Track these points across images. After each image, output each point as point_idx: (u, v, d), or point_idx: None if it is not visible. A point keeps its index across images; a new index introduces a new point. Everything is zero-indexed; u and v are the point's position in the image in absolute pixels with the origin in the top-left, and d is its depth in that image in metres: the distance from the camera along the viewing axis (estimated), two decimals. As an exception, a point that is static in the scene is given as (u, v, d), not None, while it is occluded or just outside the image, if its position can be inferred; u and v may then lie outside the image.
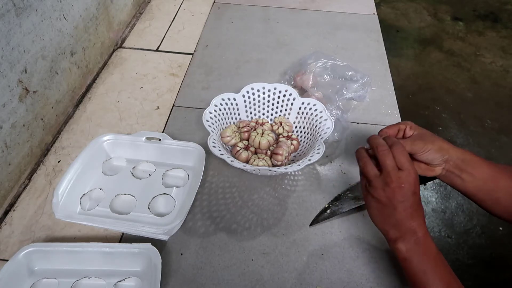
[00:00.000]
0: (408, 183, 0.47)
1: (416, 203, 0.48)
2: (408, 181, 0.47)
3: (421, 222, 0.48)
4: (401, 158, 0.48)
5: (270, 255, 0.61)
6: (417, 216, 0.48)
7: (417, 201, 0.48)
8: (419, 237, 0.47)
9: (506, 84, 2.13)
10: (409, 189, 0.47)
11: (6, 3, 0.60)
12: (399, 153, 0.49)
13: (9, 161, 0.66)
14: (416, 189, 0.48)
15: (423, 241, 0.47)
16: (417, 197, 0.48)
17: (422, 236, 0.47)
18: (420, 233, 0.47)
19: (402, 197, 0.47)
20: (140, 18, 1.13)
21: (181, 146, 0.71)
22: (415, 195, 0.48)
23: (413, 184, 0.47)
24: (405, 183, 0.47)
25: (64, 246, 0.57)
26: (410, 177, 0.47)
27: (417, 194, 0.48)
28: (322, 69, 0.84)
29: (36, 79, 0.70)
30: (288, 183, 0.71)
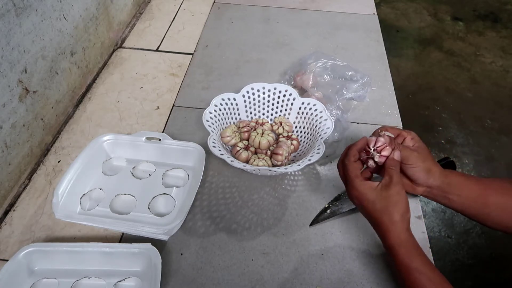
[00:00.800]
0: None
1: (376, 221, 0.49)
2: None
3: (385, 235, 0.48)
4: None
5: (270, 255, 0.61)
6: (379, 229, 0.49)
7: (376, 220, 0.49)
8: (386, 247, 0.49)
9: (506, 84, 2.13)
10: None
11: (6, 3, 0.60)
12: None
13: (9, 161, 0.66)
14: (364, 203, 0.50)
15: (390, 251, 0.48)
16: (374, 218, 0.50)
17: (388, 247, 0.48)
18: (385, 244, 0.49)
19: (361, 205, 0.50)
20: (140, 18, 1.13)
21: (181, 146, 0.71)
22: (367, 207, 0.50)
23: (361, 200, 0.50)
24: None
25: (64, 246, 0.57)
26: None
27: (372, 216, 0.50)
28: (322, 69, 0.84)
29: (36, 79, 0.70)
30: (288, 183, 0.71)
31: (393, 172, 0.50)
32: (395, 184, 0.48)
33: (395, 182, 0.49)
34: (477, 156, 1.75)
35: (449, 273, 1.36)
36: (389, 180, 0.49)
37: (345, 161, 0.53)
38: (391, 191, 0.48)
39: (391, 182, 0.49)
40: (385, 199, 0.48)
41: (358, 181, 0.50)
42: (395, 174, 0.49)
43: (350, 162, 0.52)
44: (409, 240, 0.48)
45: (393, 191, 0.48)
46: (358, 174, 0.52)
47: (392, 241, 0.47)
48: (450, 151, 1.78)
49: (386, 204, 0.48)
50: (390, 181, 0.49)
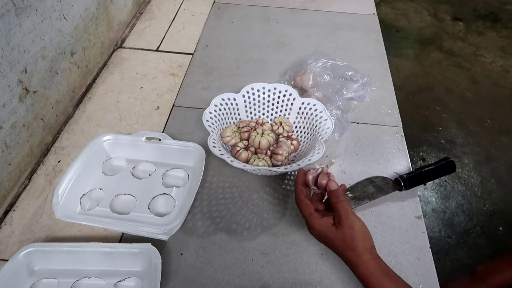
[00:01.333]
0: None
1: (336, 251, 0.50)
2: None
3: (350, 263, 0.49)
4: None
5: (270, 255, 0.61)
6: (344, 257, 0.50)
7: (336, 250, 0.50)
8: (355, 272, 0.49)
9: (506, 84, 2.13)
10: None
11: (6, 3, 0.60)
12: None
13: (9, 161, 0.66)
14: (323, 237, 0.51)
15: (359, 275, 0.49)
16: (334, 248, 0.50)
17: (358, 273, 0.49)
18: (354, 270, 0.49)
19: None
20: (140, 18, 1.13)
21: (181, 146, 0.71)
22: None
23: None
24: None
25: (64, 246, 0.57)
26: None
27: (332, 246, 0.51)
28: (322, 69, 0.84)
29: (36, 79, 0.70)
30: (288, 183, 0.71)
31: (339, 206, 0.50)
32: (345, 218, 0.49)
33: (345, 216, 0.49)
34: (477, 156, 1.76)
35: (449, 273, 1.36)
36: (339, 217, 0.49)
37: (296, 202, 0.54)
38: (345, 227, 0.48)
39: (341, 218, 0.49)
40: (342, 235, 0.48)
41: (313, 219, 0.51)
42: (341, 207, 0.50)
43: (300, 200, 0.53)
44: (378, 269, 0.47)
45: (346, 227, 0.48)
46: (312, 212, 0.52)
47: (362, 274, 0.48)
48: (450, 151, 1.78)
49: (345, 240, 0.48)
50: (340, 217, 0.49)
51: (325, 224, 0.50)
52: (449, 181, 1.65)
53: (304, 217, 0.53)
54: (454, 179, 1.66)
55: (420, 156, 1.76)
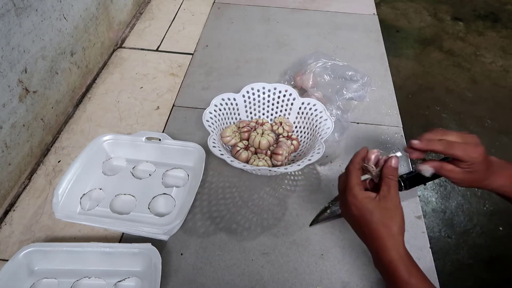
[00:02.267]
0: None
1: (372, 234, 0.47)
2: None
3: (383, 249, 0.46)
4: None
5: (270, 255, 0.61)
6: (375, 243, 0.47)
7: (373, 232, 0.47)
8: (382, 262, 0.46)
9: (506, 84, 2.13)
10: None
11: (6, 3, 0.60)
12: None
13: (9, 161, 0.66)
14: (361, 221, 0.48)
15: (387, 266, 0.46)
16: (370, 230, 0.47)
17: (386, 262, 0.46)
18: (382, 259, 0.46)
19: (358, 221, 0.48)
20: (140, 18, 1.13)
21: (181, 146, 0.71)
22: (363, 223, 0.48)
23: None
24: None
25: (64, 246, 0.57)
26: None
27: (368, 227, 0.48)
28: (322, 69, 0.84)
29: (36, 79, 0.70)
30: (288, 183, 0.71)
31: (391, 183, 0.49)
32: (393, 196, 0.48)
33: (393, 194, 0.48)
34: (477, 156, 1.75)
35: (449, 273, 1.35)
36: (387, 191, 0.48)
37: (349, 167, 0.51)
38: (389, 203, 0.47)
39: (389, 194, 0.48)
40: (384, 210, 0.47)
41: (357, 188, 0.49)
42: (393, 185, 0.49)
43: (354, 168, 0.51)
44: (408, 255, 0.46)
45: (392, 204, 0.47)
46: (359, 182, 0.50)
47: (391, 256, 0.45)
48: (450, 151, 1.77)
49: (384, 215, 0.46)
50: (388, 192, 0.48)
51: (368, 196, 0.48)
52: (449, 181, 1.65)
53: (350, 184, 0.49)
54: (454, 179, 1.66)
55: (420, 156, 1.75)
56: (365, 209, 0.47)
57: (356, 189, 0.49)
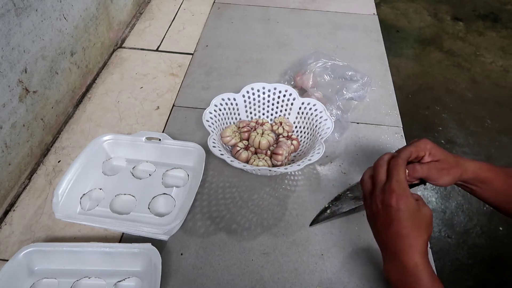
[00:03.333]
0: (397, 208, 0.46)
1: (403, 231, 0.45)
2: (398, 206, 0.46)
3: (410, 250, 0.45)
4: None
5: (270, 255, 0.61)
6: (404, 243, 0.45)
7: (404, 230, 0.45)
8: (406, 266, 0.45)
9: (506, 84, 2.13)
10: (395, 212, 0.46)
11: (6, 3, 0.60)
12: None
13: (9, 161, 0.66)
14: (399, 222, 0.46)
15: (412, 271, 0.44)
16: (402, 227, 0.45)
17: (411, 266, 0.44)
18: (407, 262, 0.44)
19: (390, 217, 0.46)
20: (140, 18, 1.13)
21: (181, 146, 0.71)
22: (399, 223, 0.46)
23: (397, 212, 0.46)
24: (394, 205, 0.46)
25: (64, 246, 0.57)
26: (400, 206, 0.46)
27: (402, 225, 0.45)
28: (322, 69, 0.84)
29: (36, 79, 0.70)
30: (288, 183, 0.71)
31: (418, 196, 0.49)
32: (429, 209, 0.48)
33: (429, 208, 0.48)
34: (477, 156, 1.75)
35: (449, 273, 1.36)
36: (424, 202, 0.48)
37: (398, 160, 0.48)
38: (428, 213, 0.47)
39: (425, 205, 0.48)
40: (423, 216, 0.46)
41: (406, 184, 0.47)
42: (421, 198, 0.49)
43: (404, 162, 0.49)
44: (428, 262, 0.45)
45: (429, 214, 0.47)
46: (406, 178, 0.48)
47: (418, 260, 0.44)
48: (450, 151, 1.76)
49: (422, 221, 0.46)
50: (425, 203, 0.48)
51: (412, 196, 0.46)
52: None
53: (398, 176, 0.47)
54: (454, 179, 1.66)
55: (420, 156, 1.76)
56: (408, 206, 0.45)
57: (405, 184, 0.47)
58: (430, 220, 0.47)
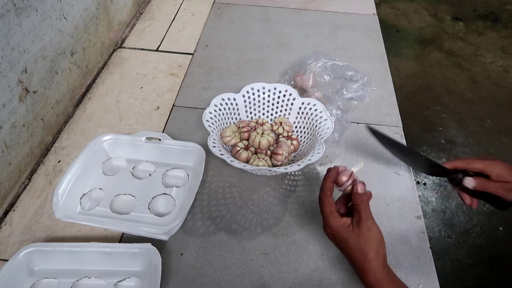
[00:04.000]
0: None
1: (351, 258, 0.48)
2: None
3: (364, 272, 0.47)
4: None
5: (270, 255, 0.61)
6: (356, 267, 0.48)
7: (351, 257, 0.48)
8: (367, 284, 0.47)
9: (506, 84, 2.13)
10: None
11: (6, 3, 0.60)
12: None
13: (9, 161, 0.66)
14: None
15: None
16: (349, 255, 0.49)
17: (370, 284, 0.47)
18: (366, 282, 0.47)
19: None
20: (140, 18, 1.13)
21: (181, 146, 0.71)
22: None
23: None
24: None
25: (64, 246, 0.57)
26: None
27: (347, 253, 0.49)
28: (322, 69, 0.84)
29: (36, 79, 0.70)
30: (288, 183, 0.71)
31: (361, 208, 0.50)
32: (365, 219, 0.48)
33: (365, 218, 0.48)
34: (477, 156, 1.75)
35: (449, 273, 1.36)
36: (358, 217, 0.49)
37: (320, 195, 0.52)
38: (362, 229, 0.48)
39: (360, 219, 0.48)
40: (357, 236, 0.48)
41: (332, 218, 0.50)
42: (363, 209, 0.49)
43: (325, 196, 0.52)
44: (386, 277, 0.46)
45: (364, 228, 0.48)
46: (333, 210, 0.51)
47: (368, 280, 0.46)
48: (450, 151, 1.78)
49: (358, 242, 0.47)
50: (359, 217, 0.49)
51: (342, 224, 0.49)
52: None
53: (324, 213, 0.51)
54: (454, 179, 1.66)
55: (420, 156, 1.76)
56: (340, 237, 0.49)
57: (331, 219, 0.50)
58: (370, 234, 0.48)
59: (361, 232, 0.48)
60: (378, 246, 0.47)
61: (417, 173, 1.69)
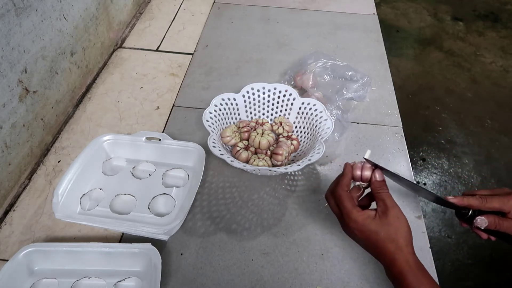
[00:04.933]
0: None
1: (379, 244, 0.47)
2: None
3: (392, 261, 0.46)
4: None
5: (270, 255, 0.61)
6: (382, 258, 0.47)
7: (378, 248, 0.47)
8: (392, 274, 0.46)
9: (506, 84, 2.13)
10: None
11: (6, 3, 0.60)
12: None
13: (9, 161, 0.66)
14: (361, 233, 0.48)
15: (398, 278, 0.46)
16: (375, 245, 0.48)
17: (396, 273, 0.46)
18: (392, 270, 0.46)
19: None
20: (140, 18, 1.13)
21: (181, 146, 0.71)
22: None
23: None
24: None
25: (64, 246, 0.57)
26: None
27: (373, 243, 0.48)
28: (322, 69, 0.84)
29: (36, 79, 0.70)
30: (288, 183, 0.71)
31: (384, 196, 0.49)
32: (391, 208, 0.48)
33: (391, 206, 0.48)
34: (477, 156, 1.76)
35: (449, 273, 1.36)
36: (384, 206, 0.48)
37: (339, 191, 0.51)
38: (390, 217, 0.47)
39: (386, 208, 0.48)
40: (387, 226, 0.47)
41: (355, 212, 0.48)
42: (387, 197, 0.49)
43: (344, 192, 0.50)
44: (417, 265, 0.46)
45: (392, 216, 0.47)
46: (355, 204, 0.50)
47: (400, 268, 0.45)
48: (450, 151, 1.78)
49: (389, 232, 0.46)
50: (385, 206, 0.48)
51: (367, 217, 0.48)
52: (449, 181, 1.66)
53: (346, 209, 0.49)
54: (454, 179, 1.66)
55: (420, 156, 1.76)
56: (369, 230, 0.47)
57: (354, 213, 0.48)
58: (399, 221, 0.47)
59: (390, 221, 0.47)
60: (407, 234, 0.47)
61: (417, 173, 1.69)
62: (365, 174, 0.52)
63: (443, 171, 1.70)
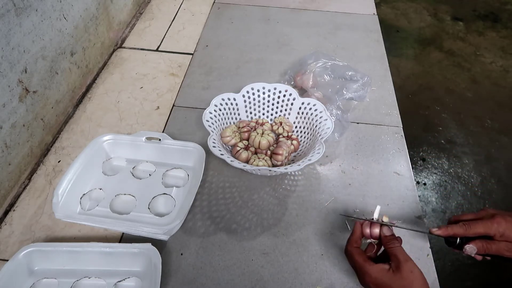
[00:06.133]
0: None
1: None
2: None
3: None
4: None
5: (270, 255, 0.61)
6: None
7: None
8: None
9: (506, 84, 2.13)
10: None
11: (6, 3, 0.60)
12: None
13: (9, 161, 0.66)
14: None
15: None
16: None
17: None
18: None
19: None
20: (140, 18, 1.13)
21: (181, 146, 0.71)
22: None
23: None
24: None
25: (64, 246, 0.57)
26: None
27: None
28: (322, 69, 0.84)
29: (36, 79, 0.70)
30: (288, 183, 0.71)
31: (396, 251, 0.49)
32: (404, 262, 0.48)
33: (403, 260, 0.48)
34: (477, 156, 1.76)
35: (449, 273, 1.36)
36: (397, 261, 0.48)
37: (349, 248, 0.52)
38: (404, 272, 0.47)
39: (399, 262, 0.48)
40: (400, 280, 0.47)
41: (367, 265, 0.49)
42: (399, 252, 0.49)
43: (353, 248, 0.52)
44: None
45: (406, 271, 0.47)
46: (366, 258, 0.50)
47: None
48: (450, 151, 1.78)
49: (403, 286, 0.46)
50: (398, 261, 0.48)
51: (381, 270, 0.48)
52: (449, 181, 1.66)
53: (358, 263, 0.50)
54: (454, 179, 1.66)
55: (420, 156, 1.76)
56: (383, 283, 0.48)
57: (367, 267, 0.49)
58: (413, 275, 0.47)
59: (403, 275, 0.47)
60: (423, 286, 0.47)
61: (417, 173, 1.69)
62: (374, 231, 0.53)
63: (443, 171, 1.70)
